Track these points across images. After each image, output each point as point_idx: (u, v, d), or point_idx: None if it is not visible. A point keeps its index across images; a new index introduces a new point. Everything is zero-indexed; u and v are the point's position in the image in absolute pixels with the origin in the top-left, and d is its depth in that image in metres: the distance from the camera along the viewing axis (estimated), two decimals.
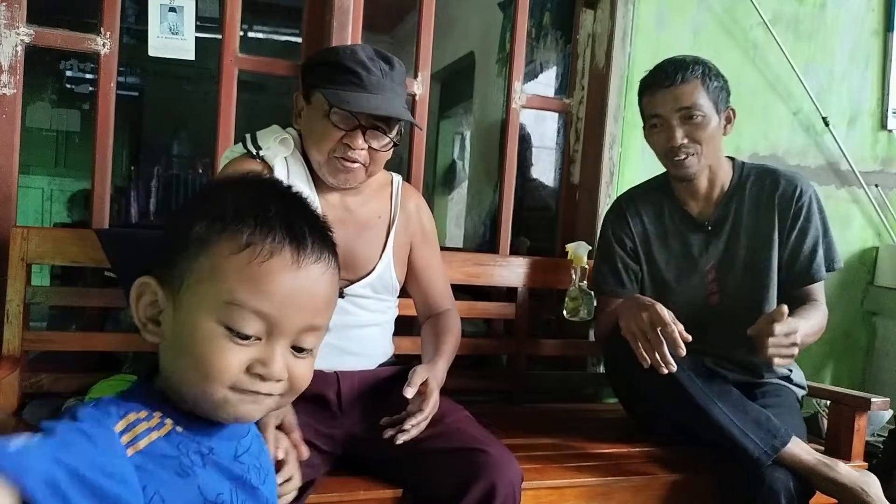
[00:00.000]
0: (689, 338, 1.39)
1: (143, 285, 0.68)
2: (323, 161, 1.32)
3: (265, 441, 0.93)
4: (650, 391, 1.56)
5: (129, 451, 0.61)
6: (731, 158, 1.74)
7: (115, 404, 0.64)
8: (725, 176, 1.70)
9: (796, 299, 1.65)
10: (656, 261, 1.73)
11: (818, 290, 1.68)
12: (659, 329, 1.39)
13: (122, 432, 0.62)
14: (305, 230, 0.67)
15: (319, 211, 0.74)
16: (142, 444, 0.63)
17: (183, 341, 0.66)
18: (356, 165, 1.31)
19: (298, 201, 0.72)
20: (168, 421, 0.67)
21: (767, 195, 1.67)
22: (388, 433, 1.22)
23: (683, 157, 1.60)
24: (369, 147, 1.30)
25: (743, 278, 1.68)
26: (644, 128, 1.69)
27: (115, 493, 0.56)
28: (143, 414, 0.65)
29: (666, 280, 1.72)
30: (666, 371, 1.39)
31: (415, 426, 1.21)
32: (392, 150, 1.36)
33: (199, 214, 0.67)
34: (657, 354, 1.39)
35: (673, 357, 1.39)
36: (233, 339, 0.65)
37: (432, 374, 1.28)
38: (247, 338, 0.65)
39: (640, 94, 1.67)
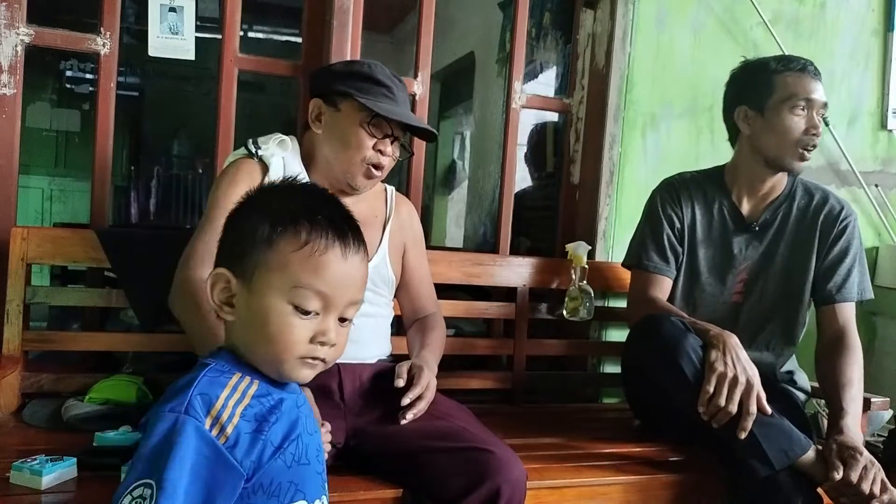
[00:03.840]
0: (769, 410, 1.40)
1: (218, 275, 0.84)
2: (352, 165, 1.40)
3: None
4: (670, 388, 1.49)
5: (235, 420, 0.78)
6: None
7: (199, 402, 0.78)
8: (782, 182, 1.71)
9: (828, 324, 1.66)
10: (696, 251, 1.72)
11: (849, 315, 1.66)
12: (743, 391, 1.38)
13: (214, 421, 0.77)
14: (347, 229, 0.85)
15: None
16: (233, 423, 0.78)
17: (257, 320, 0.82)
18: (380, 172, 1.42)
19: (337, 205, 0.89)
20: (255, 380, 0.84)
21: (814, 209, 1.69)
22: (401, 421, 1.28)
23: (813, 147, 1.61)
24: (392, 156, 1.42)
25: (775, 284, 1.69)
26: (765, 107, 1.63)
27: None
28: (236, 378, 0.82)
29: (699, 271, 1.72)
30: (716, 425, 1.39)
31: (413, 400, 1.28)
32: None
33: (260, 218, 0.84)
34: (728, 410, 1.37)
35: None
36: (299, 315, 0.82)
37: (419, 360, 1.38)
38: (309, 313, 0.82)
39: (777, 70, 1.63)
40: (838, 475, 1.34)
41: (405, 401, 1.28)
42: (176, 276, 1.34)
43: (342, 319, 0.86)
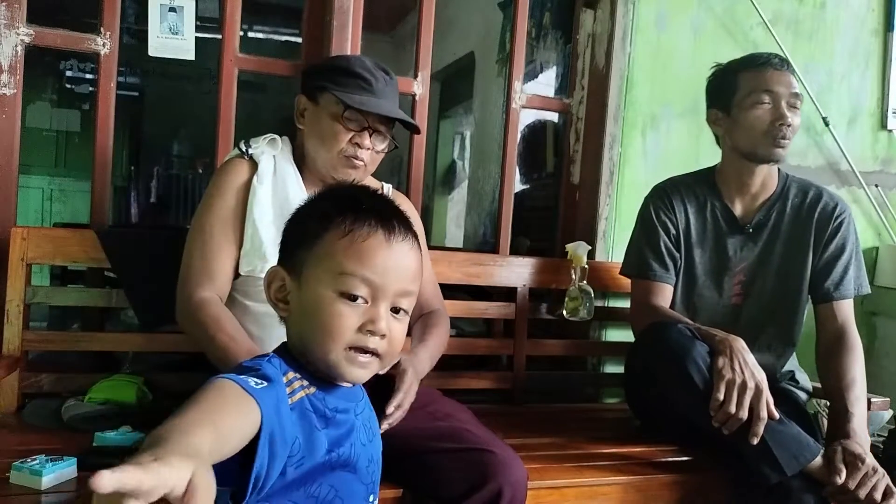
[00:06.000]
0: (776, 415, 1.39)
1: (273, 273, 0.89)
2: (330, 159, 1.41)
3: None
4: (679, 396, 1.49)
5: (290, 401, 0.80)
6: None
7: (280, 362, 0.84)
8: (773, 180, 1.71)
9: (827, 322, 1.65)
10: (693, 255, 1.72)
11: (848, 312, 1.65)
12: (752, 396, 1.38)
13: (286, 384, 0.81)
14: (392, 217, 0.88)
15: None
16: (297, 396, 0.82)
17: (308, 311, 0.85)
18: (361, 164, 1.41)
19: (383, 198, 0.93)
20: (311, 383, 0.85)
21: (808, 207, 1.68)
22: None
23: (787, 137, 1.60)
24: (372, 148, 1.41)
25: (773, 285, 1.69)
26: (731, 106, 1.65)
27: (281, 451, 0.75)
28: (298, 375, 0.84)
29: (696, 275, 1.72)
30: (727, 432, 1.39)
31: (394, 408, 1.23)
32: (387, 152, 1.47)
33: (309, 216, 0.89)
34: (739, 416, 1.37)
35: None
36: (346, 302, 0.83)
37: (407, 359, 1.32)
38: (356, 298, 0.83)
39: (738, 69, 1.66)
40: (840, 480, 1.34)
41: (389, 409, 1.23)
42: (178, 296, 1.36)
43: (396, 311, 0.87)
